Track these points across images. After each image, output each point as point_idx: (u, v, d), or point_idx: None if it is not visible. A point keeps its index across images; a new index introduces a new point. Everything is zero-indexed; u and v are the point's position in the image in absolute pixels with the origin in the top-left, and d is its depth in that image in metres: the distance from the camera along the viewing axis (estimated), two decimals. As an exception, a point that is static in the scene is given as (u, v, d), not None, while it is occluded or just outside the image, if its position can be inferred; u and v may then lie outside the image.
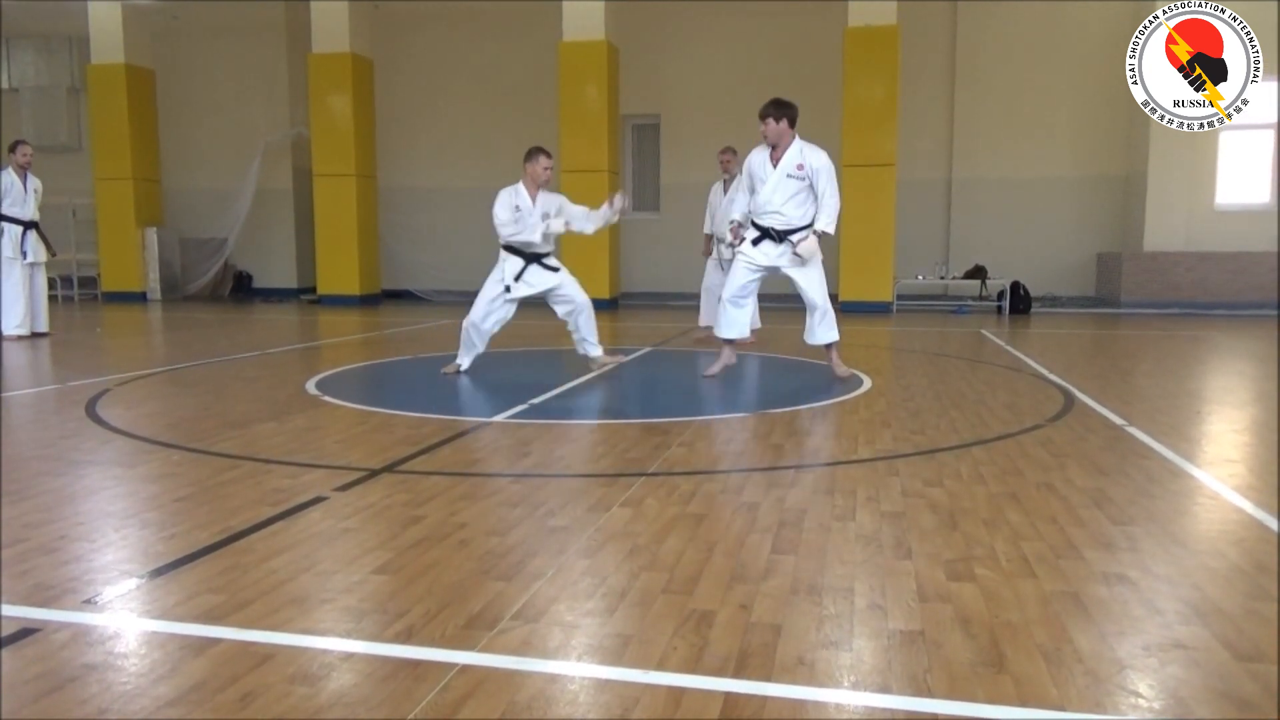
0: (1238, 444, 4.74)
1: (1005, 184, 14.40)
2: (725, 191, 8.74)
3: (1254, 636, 2.26)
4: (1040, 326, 11.06)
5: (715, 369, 6.60)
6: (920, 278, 13.77)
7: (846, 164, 12.75)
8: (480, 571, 2.71)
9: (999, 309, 13.10)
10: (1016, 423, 5.00)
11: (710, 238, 9.07)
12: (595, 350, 6.73)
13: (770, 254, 6.32)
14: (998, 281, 13.34)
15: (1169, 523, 3.26)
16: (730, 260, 8.44)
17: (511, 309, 6.54)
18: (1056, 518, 3.24)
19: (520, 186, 6.40)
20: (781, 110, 6.17)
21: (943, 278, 13.89)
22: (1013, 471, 3.91)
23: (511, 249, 6.45)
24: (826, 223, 6.16)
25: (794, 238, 6.24)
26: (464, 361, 6.62)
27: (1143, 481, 3.77)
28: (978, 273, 13.64)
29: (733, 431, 4.84)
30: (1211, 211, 13.41)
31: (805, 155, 6.17)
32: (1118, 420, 5.02)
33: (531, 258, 6.42)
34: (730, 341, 6.59)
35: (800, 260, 6.25)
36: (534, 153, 6.43)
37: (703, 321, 9.04)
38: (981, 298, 13.61)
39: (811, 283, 6.32)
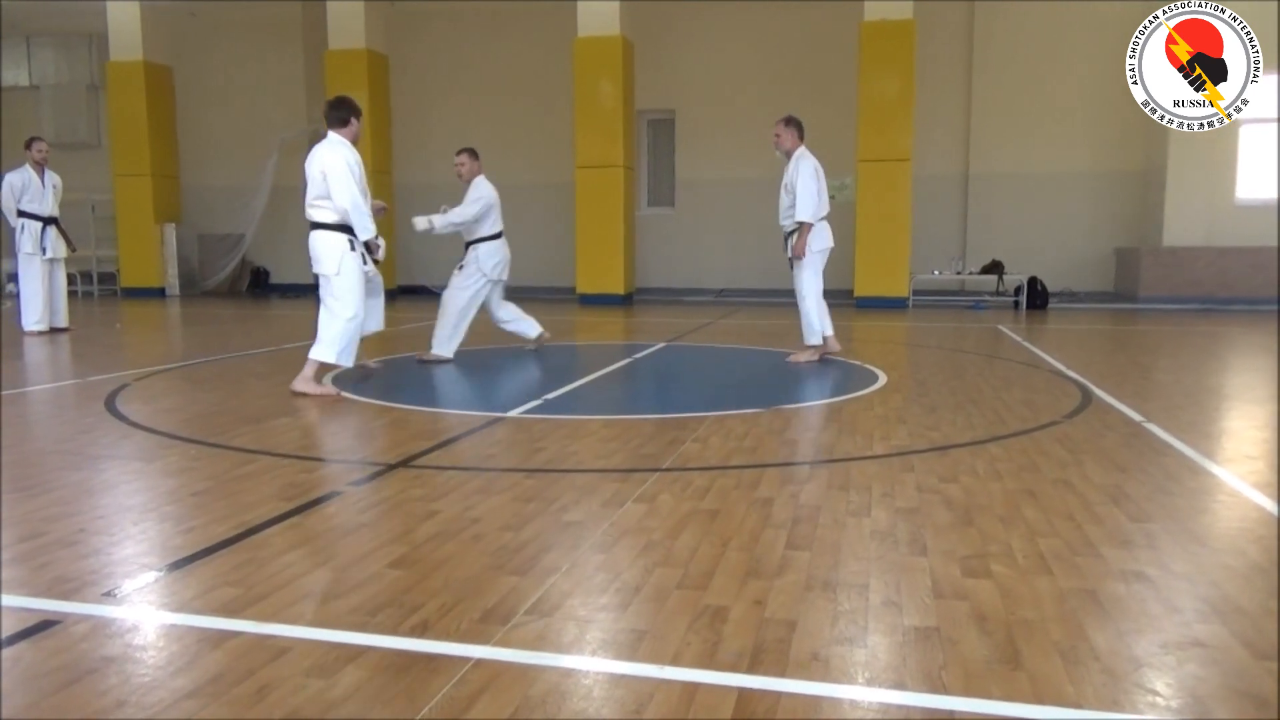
0: (1257, 441, 4.69)
1: (1022, 179, 14.31)
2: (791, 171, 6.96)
3: (1273, 635, 2.24)
4: (1058, 322, 10.99)
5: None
6: (937, 273, 13.71)
7: (862, 159, 12.72)
8: (495, 566, 2.71)
9: (1016, 304, 13.03)
10: (1033, 419, 4.97)
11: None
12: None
13: None
14: (1015, 277, 13.26)
15: (1187, 520, 3.24)
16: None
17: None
18: (1073, 514, 3.22)
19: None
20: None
21: (959, 273, 13.82)
22: (1029, 468, 3.89)
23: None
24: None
25: None
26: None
27: (1161, 478, 3.74)
28: (995, 268, 13.56)
29: (747, 427, 4.83)
30: (1232, 206, 13.27)
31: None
32: (1136, 417, 4.98)
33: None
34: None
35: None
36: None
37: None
38: (998, 293, 13.53)
39: None
